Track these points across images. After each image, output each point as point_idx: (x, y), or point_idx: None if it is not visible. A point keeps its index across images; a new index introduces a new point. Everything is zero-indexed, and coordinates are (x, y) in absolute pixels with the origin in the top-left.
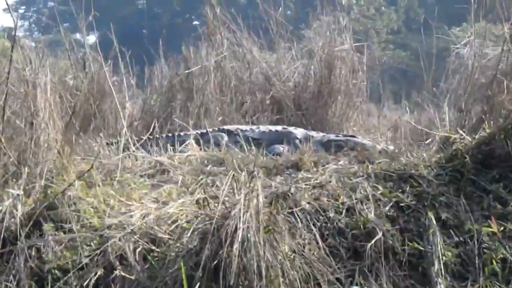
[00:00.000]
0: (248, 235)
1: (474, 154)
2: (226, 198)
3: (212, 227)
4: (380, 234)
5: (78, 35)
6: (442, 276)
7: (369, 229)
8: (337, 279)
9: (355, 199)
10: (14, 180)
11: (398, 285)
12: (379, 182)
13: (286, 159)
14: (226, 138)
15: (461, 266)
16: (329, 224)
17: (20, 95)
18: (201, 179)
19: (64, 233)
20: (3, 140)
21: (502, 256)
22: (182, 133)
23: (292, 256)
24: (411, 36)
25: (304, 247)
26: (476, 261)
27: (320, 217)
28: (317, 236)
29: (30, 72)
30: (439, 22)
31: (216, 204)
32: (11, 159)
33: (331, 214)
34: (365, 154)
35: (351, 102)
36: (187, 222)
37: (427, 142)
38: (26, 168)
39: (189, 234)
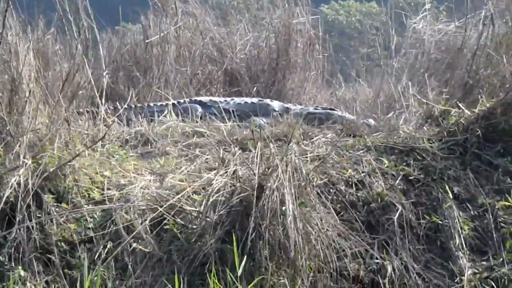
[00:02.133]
0: (283, 208)
1: (475, 128)
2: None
3: (254, 200)
4: (400, 208)
5: None
6: (462, 250)
7: (384, 202)
8: (358, 252)
9: (362, 172)
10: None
11: (418, 259)
12: (381, 156)
13: (270, 132)
14: (200, 109)
15: (478, 240)
16: (340, 197)
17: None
18: (235, 152)
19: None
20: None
21: None
22: (159, 103)
23: (324, 230)
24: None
25: (321, 220)
26: (494, 235)
27: (331, 190)
28: (331, 209)
29: (12, 38)
30: None
31: (249, 177)
32: (7, 128)
33: (342, 187)
34: (351, 128)
35: (308, 75)
36: (215, 194)
37: (389, 115)
38: (25, 138)
39: (219, 207)
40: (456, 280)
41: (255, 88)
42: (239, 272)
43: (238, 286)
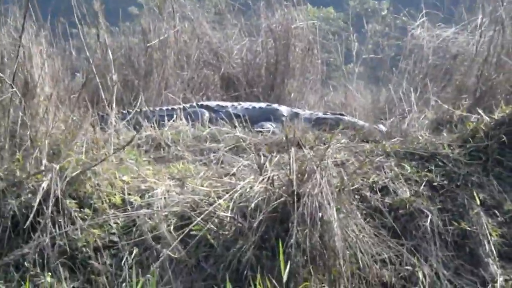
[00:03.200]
0: (320, 214)
1: (496, 134)
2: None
3: (293, 206)
4: (430, 215)
5: None
6: (492, 256)
7: (412, 209)
8: (388, 258)
9: (385, 178)
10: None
11: (448, 265)
12: (402, 162)
13: (283, 137)
14: (207, 114)
15: (506, 247)
16: (365, 204)
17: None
18: (273, 156)
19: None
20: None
21: None
22: (165, 108)
23: (361, 236)
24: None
25: (357, 226)
26: None
27: (356, 196)
28: (359, 215)
29: (26, 41)
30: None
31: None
32: (28, 132)
33: (367, 193)
34: (364, 133)
35: (307, 80)
36: (254, 200)
37: (391, 120)
38: (46, 142)
39: (255, 213)
40: (488, 287)
41: (253, 92)
42: (285, 278)
43: None
